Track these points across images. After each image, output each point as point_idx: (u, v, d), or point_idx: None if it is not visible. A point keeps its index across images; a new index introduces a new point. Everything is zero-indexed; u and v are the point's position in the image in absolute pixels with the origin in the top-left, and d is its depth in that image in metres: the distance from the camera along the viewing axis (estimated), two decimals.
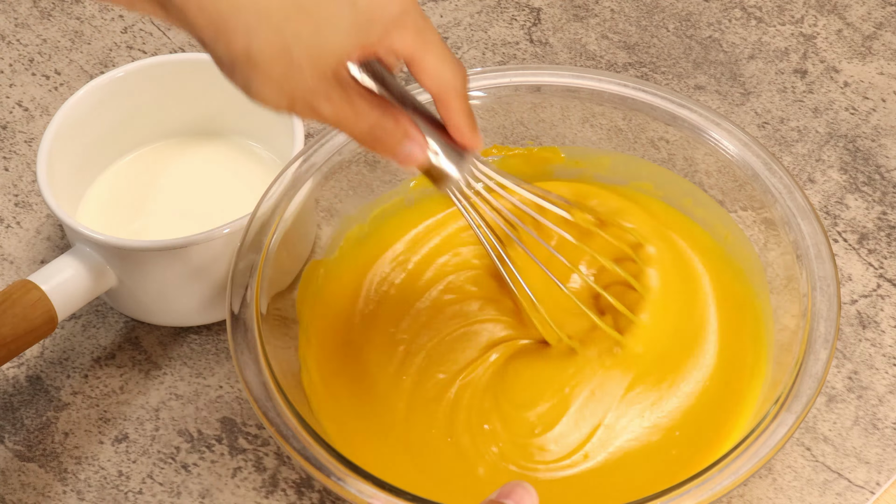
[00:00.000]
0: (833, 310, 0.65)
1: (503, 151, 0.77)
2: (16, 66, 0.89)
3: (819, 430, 0.71)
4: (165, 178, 0.80)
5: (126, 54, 0.90)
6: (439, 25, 0.91)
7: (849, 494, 0.68)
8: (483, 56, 0.89)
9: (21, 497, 0.70)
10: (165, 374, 0.74)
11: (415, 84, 0.69)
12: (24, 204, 0.82)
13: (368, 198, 0.76)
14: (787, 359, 0.65)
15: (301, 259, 0.74)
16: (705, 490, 0.60)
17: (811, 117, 0.85)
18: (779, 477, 0.69)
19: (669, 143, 0.74)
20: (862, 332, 0.74)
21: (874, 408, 0.72)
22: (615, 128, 0.75)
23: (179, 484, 0.70)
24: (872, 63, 0.87)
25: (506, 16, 0.91)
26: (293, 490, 0.70)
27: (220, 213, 0.76)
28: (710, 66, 0.88)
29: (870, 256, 0.78)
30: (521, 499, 0.57)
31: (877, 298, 0.76)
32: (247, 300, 0.67)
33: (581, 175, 0.77)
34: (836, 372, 0.73)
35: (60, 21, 0.92)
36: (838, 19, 0.90)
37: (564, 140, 0.77)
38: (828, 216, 0.80)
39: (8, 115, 0.87)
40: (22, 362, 0.75)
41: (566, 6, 0.92)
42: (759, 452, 0.61)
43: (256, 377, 0.64)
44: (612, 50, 0.89)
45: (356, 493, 0.60)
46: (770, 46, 0.89)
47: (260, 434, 0.72)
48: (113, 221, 0.77)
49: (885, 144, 0.83)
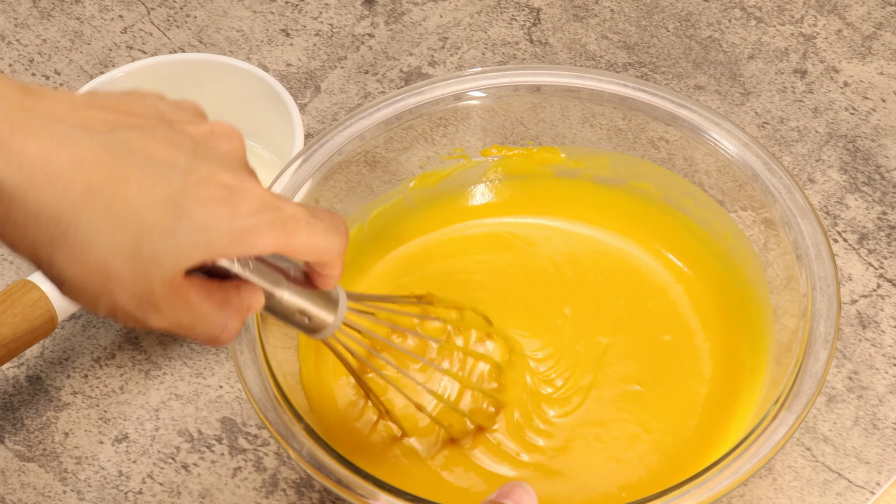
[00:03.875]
0: (833, 310, 0.65)
1: (503, 151, 0.77)
2: (16, 66, 0.89)
3: (819, 430, 0.71)
4: None
5: (126, 54, 0.90)
6: (439, 25, 0.91)
7: (849, 494, 0.68)
8: (483, 56, 0.89)
9: (21, 497, 0.70)
10: (165, 374, 0.74)
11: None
12: None
13: (368, 198, 0.76)
14: (787, 359, 0.65)
15: None
16: (705, 490, 0.60)
17: (811, 117, 0.84)
18: (779, 477, 0.69)
19: (669, 143, 0.74)
20: (862, 332, 0.74)
21: (874, 408, 0.72)
22: (615, 128, 0.75)
23: (179, 484, 0.70)
24: (872, 63, 0.87)
25: (506, 16, 0.91)
26: (293, 490, 0.70)
27: None
28: (710, 66, 0.88)
29: (870, 256, 0.78)
30: (520, 499, 0.57)
31: (877, 298, 0.76)
32: None
33: (581, 175, 0.77)
34: (836, 372, 0.73)
35: (60, 21, 0.92)
36: (838, 19, 0.90)
37: (564, 140, 0.77)
38: (828, 216, 0.80)
39: None
40: (22, 362, 0.75)
41: (566, 6, 0.91)
42: (759, 452, 0.61)
43: (256, 377, 0.64)
44: (611, 50, 0.89)
45: (356, 493, 0.60)
46: (770, 46, 0.89)
47: (260, 434, 0.72)
48: None
49: (885, 144, 0.83)
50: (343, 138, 0.73)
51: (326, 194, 0.74)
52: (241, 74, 0.79)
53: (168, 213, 0.47)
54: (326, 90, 0.87)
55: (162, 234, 0.47)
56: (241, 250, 0.49)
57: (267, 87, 0.78)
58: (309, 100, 0.87)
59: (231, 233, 0.48)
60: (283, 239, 0.50)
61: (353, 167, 0.74)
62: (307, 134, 0.85)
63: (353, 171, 0.74)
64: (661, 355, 0.71)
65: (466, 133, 0.76)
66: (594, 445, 0.68)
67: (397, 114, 0.74)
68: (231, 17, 0.92)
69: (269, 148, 0.81)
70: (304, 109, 0.86)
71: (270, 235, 0.50)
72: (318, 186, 0.72)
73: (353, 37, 0.90)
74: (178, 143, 0.49)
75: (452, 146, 0.76)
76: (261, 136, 0.81)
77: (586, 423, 0.68)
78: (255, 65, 0.88)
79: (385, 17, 0.91)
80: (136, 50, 0.90)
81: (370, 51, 0.90)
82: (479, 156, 0.77)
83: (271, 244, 0.50)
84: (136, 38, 0.91)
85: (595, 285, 0.74)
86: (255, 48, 0.90)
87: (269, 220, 0.49)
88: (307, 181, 0.72)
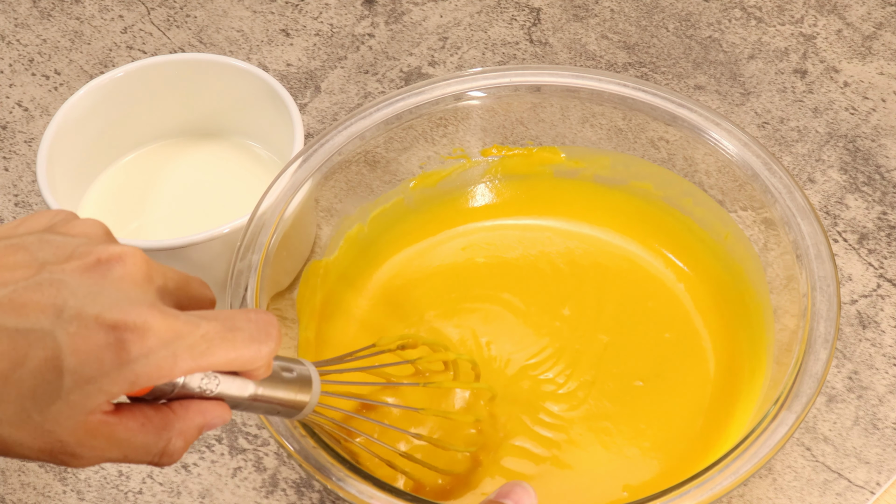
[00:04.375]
0: (833, 310, 0.65)
1: (503, 151, 0.77)
2: (16, 66, 0.89)
3: (819, 430, 0.71)
4: (165, 178, 0.80)
5: (126, 54, 0.90)
6: (439, 25, 0.91)
7: (849, 494, 0.68)
8: (483, 56, 0.89)
9: (21, 497, 0.70)
10: None
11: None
12: (24, 204, 0.82)
13: (368, 198, 0.76)
14: (787, 359, 0.65)
15: (301, 259, 0.74)
16: (705, 490, 0.60)
17: (811, 117, 0.84)
18: (779, 477, 0.69)
19: (669, 143, 0.74)
20: (862, 332, 0.74)
21: (874, 408, 0.72)
22: (615, 128, 0.75)
23: (179, 484, 0.70)
24: (872, 63, 0.87)
25: (506, 16, 0.91)
26: (293, 490, 0.70)
27: (220, 213, 0.76)
28: (710, 66, 0.88)
29: (870, 256, 0.78)
30: (519, 498, 0.57)
31: (877, 298, 0.76)
32: (246, 300, 0.67)
33: (581, 175, 0.77)
34: (836, 372, 0.73)
35: (60, 21, 0.92)
36: (838, 19, 0.90)
37: (564, 140, 0.77)
38: (828, 216, 0.80)
39: (8, 115, 0.87)
40: None
41: (566, 6, 0.91)
42: (759, 452, 0.61)
43: None
44: (612, 50, 0.89)
45: (356, 493, 0.60)
46: (770, 46, 0.89)
47: (260, 434, 0.72)
48: (113, 221, 0.77)
49: (885, 144, 0.83)
50: (343, 138, 0.73)
51: (326, 194, 0.74)
52: (241, 74, 0.79)
53: (48, 376, 0.46)
54: (326, 90, 0.87)
55: (46, 396, 0.46)
56: (144, 386, 0.47)
57: (267, 87, 0.78)
58: (309, 100, 0.87)
59: (123, 376, 0.46)
60: (192, 364, 0.48)
61: (353, 167, 0.74)
62: (307, 134, 0.85)
63: (353, 171, 0.74)
64: (662, 353, 0.71)
65: (466, 133, 0.76)
66: (596, 441, 0.68)
67: (397, 114, 0.74)
68: (231, 17, 0.92)
69: (269, 148, 0.81)
70: (304, 109, 0.86)
71: (175, 366, 0.47)
72: (318, 186, 0.72)
73: (353, 37, 0.90)
74: (54, 292, 0.47)
75: (452, 146, 0.76)
76: (261, 136, 0.81)
77: (590, 418, 0.69)
78: (255, 65, 0.88)
79: (385, 17, 0.91)
80: (136, 50, 0.90)
81: (370, 51, 0.90)
82: (479, 156, 0.77)
83: (179, 373, 0.47)
84: (136, 38, 0.91)
85: (595, 285, 0.74)
86: (255, 48, 0.90)
87: (170, 353, 0.47)
88: (307, 181, 0.72)
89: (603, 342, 0.71)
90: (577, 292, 0.73)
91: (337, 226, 0.75)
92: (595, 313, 0.73)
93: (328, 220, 0.75)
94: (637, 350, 0.71)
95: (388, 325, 0.73)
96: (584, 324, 0.72)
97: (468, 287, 0.74)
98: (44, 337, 0.46)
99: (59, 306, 0.46)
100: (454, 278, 0.75)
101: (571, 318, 0.72)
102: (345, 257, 0.75)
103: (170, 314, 0.47)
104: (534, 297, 0.73)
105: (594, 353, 0.71)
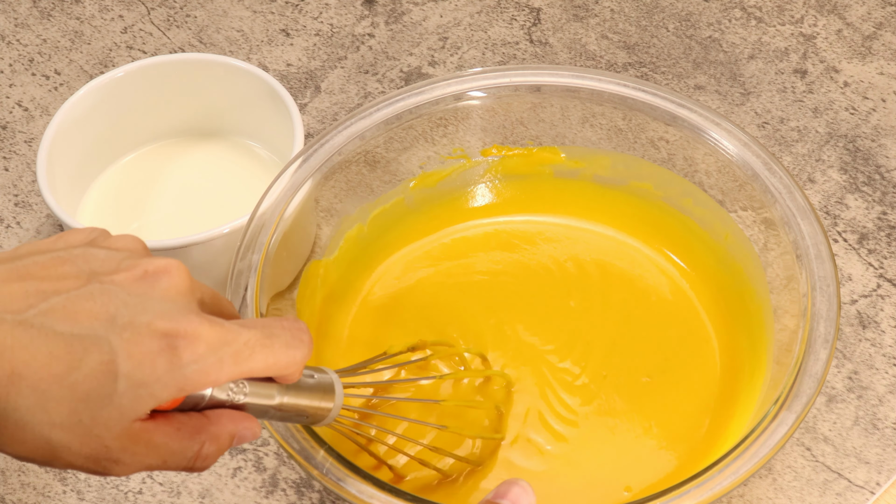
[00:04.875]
0: (833, 310, 0.65)
1: (503, 151, 0.77)
2: (16, 66, 0.89)
3: (819, 430, 0.71)
4: (165, 178, 0.80)
5: (126, 54, 0.90)
6: (439, 25, 0.91)
7: (849, 494, 0.68)
8: (483, 56, 0.89)
9: (21, 497, 0.70)
10: None
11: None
12: (24, 204, 0.82)
13: (368, 198, 0.76)
14: (787, 359, 0.65)
15: (301, 259, 0.74)
16: (705, 490, 0.60)
17: (811, 117, 0.84)
18: (779, 477, 0.69)
19: (669, 143, 0.74)
20: (862, 332, 0.74)
21: (874, 408, 0.72)
22: (615, 128, 0.75)
23: (179, 484, 0.70)
24: (872, 63, 0.87)
25: (506, 16, 0.91)
26: (293, 490, 0.70)
27: (220, 213, 0.76)
28: (710, 66, 0.88)
29: (870, 256, 0.78)
30: (517, 498, 0.57)
31: (877, 298, 0.76)
32: (246, 300, 0.67)
33: (581, 175, 0.77)
34: (836, 372, 0.73)
35: (60, 21, 0.92)
36: (838, 19, 0.90)
37: (564, 140, 0.77)
38: (828, 216, 0.80)
39: (8, 115, 0.87)
40: None
41: (566, 6, 0.91)
42: (759, 452, 0.61)
43: None
44: (612, 50, 0.89)
45: (356, 493, 0.60)
46: (770, 46, 0.89)
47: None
48: (113, 221, 0.77)
49: (885, 144, 0.83)
50: (343, 138, 0.73)
51: (326, 194, 0.74)
52: (241, 74, 0.79)
53: (102, 379, 0.47)
54: (326, 90, 0.87)
55: (99, 400, 0.47)
56: (191, 392, 0.49)
57: (267, 87, 0.78)
58: (309, 100, 0.87)
59: (175, 381, 0.48)
60: (236, 370, 0.50)
61: (353, 167, 0.74)
62: (307, 134, 0.85)
63: (353, 171, 0.74)
64: (669, 349, 0.71)
65: (466, 133, 0.76)
66: (602, 438, 0.68)
67: (397, 114, 0.74)
68: (231, 17, 0.92)
69: (269, 148, 0.81)
70: (304, 109, 0.86)
71: (221, 372, 0.49)
72: (318, 186, 0.72)
73: (353, 37, 0.90)
74: (106, 300, 0.48)
75: (452, 146, 0.76)
76: (261, 136, 0.81)
77: (601, 413, 0.69)
78: (255, 65, 0.88)
79: (385, 17, 0.91)
80: (136, 50, 0.90)
81: (370, 51, 0.90)
82: (479, 156, 0.77)
83: (224, 378, 0.49)
84: (136, 38, 0.91)
85: (597, 283, 0.74)
86: (255, 48, 0.90)
87: (217, 359, 0.49)
88: (307, 181, 0.72)
89: (611, 337, 0.71)
90: (582, 288, 0.74)
91: (337, 226, 0.75)
92: (601, 308, 0.73)
93: (328, 220, 0.75)
94: (643, 346, 0.71)
95: (388, 325, 0.73)
96: (590, 318, 0.72)
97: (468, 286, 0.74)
98: (98, 342, 0.47)
99: (111, 314, 0.48)
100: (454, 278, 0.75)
101: (578, 313, 0.73)
102: (345, 257, 0.75)
103: (216, 323, 0.49)
104: (538, 293, 0.73)
105: (604, 347, 0.71)
